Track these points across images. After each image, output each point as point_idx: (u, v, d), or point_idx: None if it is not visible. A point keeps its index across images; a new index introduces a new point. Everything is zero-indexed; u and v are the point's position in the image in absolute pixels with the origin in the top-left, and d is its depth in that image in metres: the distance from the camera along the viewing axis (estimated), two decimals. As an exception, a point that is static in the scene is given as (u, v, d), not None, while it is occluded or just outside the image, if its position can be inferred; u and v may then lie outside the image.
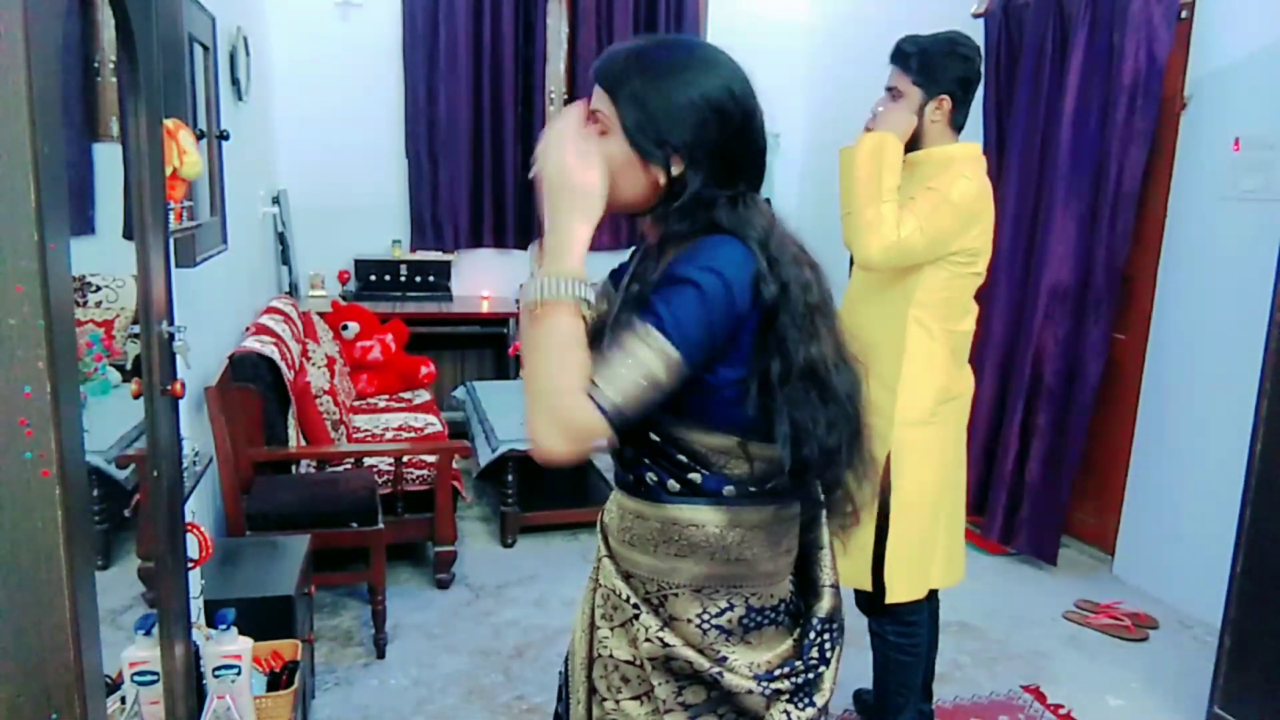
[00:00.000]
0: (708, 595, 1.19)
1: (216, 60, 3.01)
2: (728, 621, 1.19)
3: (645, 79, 1.13)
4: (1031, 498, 3.66)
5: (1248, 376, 2.46)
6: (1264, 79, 3.04)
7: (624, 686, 1.23)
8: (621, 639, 1.22)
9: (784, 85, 5.60)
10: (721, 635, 1.19)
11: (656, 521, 1.19)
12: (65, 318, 0.94)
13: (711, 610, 1.19)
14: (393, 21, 4.99)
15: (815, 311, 1.13)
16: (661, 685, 1.19)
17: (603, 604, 1.26)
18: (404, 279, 5.10)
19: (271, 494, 2.95)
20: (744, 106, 1.16)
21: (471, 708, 2.65)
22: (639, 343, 1.06)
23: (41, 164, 0.88)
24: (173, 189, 1.78)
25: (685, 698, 1.19)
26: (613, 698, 1.23)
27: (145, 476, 1.45)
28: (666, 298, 1.07)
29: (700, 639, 1.18)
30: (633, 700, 1.22)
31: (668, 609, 1.19)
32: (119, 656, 1.69)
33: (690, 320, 1.06)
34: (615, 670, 1.23)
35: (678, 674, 1.19)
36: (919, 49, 2.12)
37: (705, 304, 1.07)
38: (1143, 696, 2.82)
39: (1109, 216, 3.41)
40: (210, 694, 1.80)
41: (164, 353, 1.43)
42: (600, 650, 1.25)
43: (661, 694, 1.19)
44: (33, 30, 0.86)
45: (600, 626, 1.26)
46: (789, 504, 1.23)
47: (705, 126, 1.13)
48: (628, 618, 1.21)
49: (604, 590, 1.26)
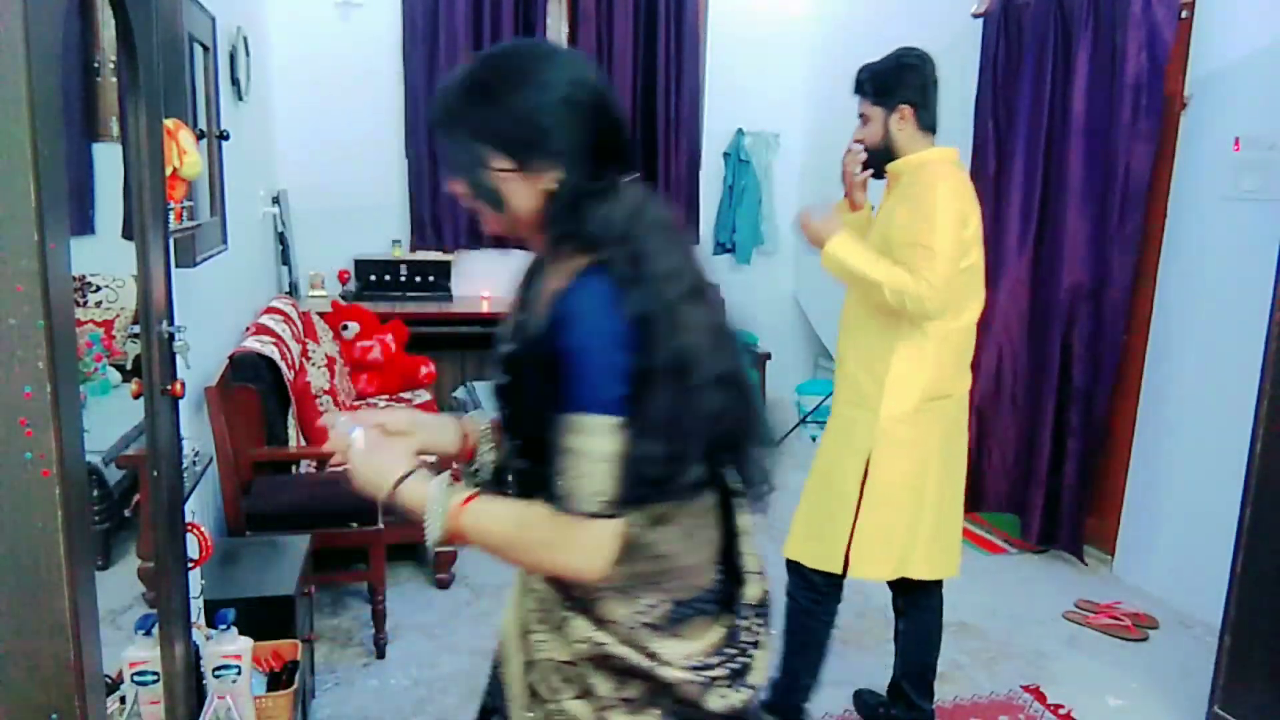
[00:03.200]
0: (633, 594, 1.18)
1: (216, 60, 3.01)
2: (656, 618, 1.19)
3: (487, 105, 1.12)
4: (1069, 497, 3.67)
5: (1248, 376, 2.46)
6: (1264, 79, 3.04)
7: (564, 687, 1.23)
8: (557, 640, 1.23)
9: (784, 85, 5.60)
10: (651, 631, 1.19)
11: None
12: (65, 318, 0.94)
13: (638, 608, 1.19)
14: (393, 21, 4.99)
15: (685, 300, 1.10)
16: (601, 683, 1.20)
17: (536, 607, 1.26)
18: (404, 279, 5.10)
19: (271, 494, 2.95)
20: (594, 92, 1.14)
21: (471, 708, 2.63)
22: (579, 439, 1.06)
23: (41, 164, 0.88)
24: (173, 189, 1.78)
25: (626, 692, 1.19)
26: (554, 699, 1.23)
27: (145, 476, 1.45)
28: (572, 377, 1.07)
29: (631, 636, 1.18)
30: (575, 700, 1.22)
31: (596, 611, 1.19)
32: (119, 656, 1.69)
33: (602, 383, 1.06)
34: (554, 672, 1.23)
35: (616, 670, 1.19)
36: (870, 73, 2.29)
37: (606, 359, 1.07)
38: (1143, 696, 2.82)
39: (1119, 216, 3.42)
40: (210, 694, 1.79)
41: (164, 353, 1.43)
42: (536, 654, 1.25)
43: (602, 691, 1.20)
44: (33, 30, 0.86)
45: (535, 630, 1.26)
46: (700, 496, 1.23)
47: (566, 126, 1.11)
48: (560, 620, 1.21)
49: (536, 594, 1.26)
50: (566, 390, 1.07)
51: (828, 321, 5.50)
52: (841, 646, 3.01)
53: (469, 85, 1.14)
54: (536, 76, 1.11)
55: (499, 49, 1.20)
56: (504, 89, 1.11)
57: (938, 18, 4.36)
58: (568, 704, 1.22)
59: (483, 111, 1.12)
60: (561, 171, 1.12)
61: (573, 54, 1.19)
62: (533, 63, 1.13)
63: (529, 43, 1.20)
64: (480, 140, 1.13)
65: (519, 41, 1.21)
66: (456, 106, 1.14)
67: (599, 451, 1.06)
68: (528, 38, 1.18)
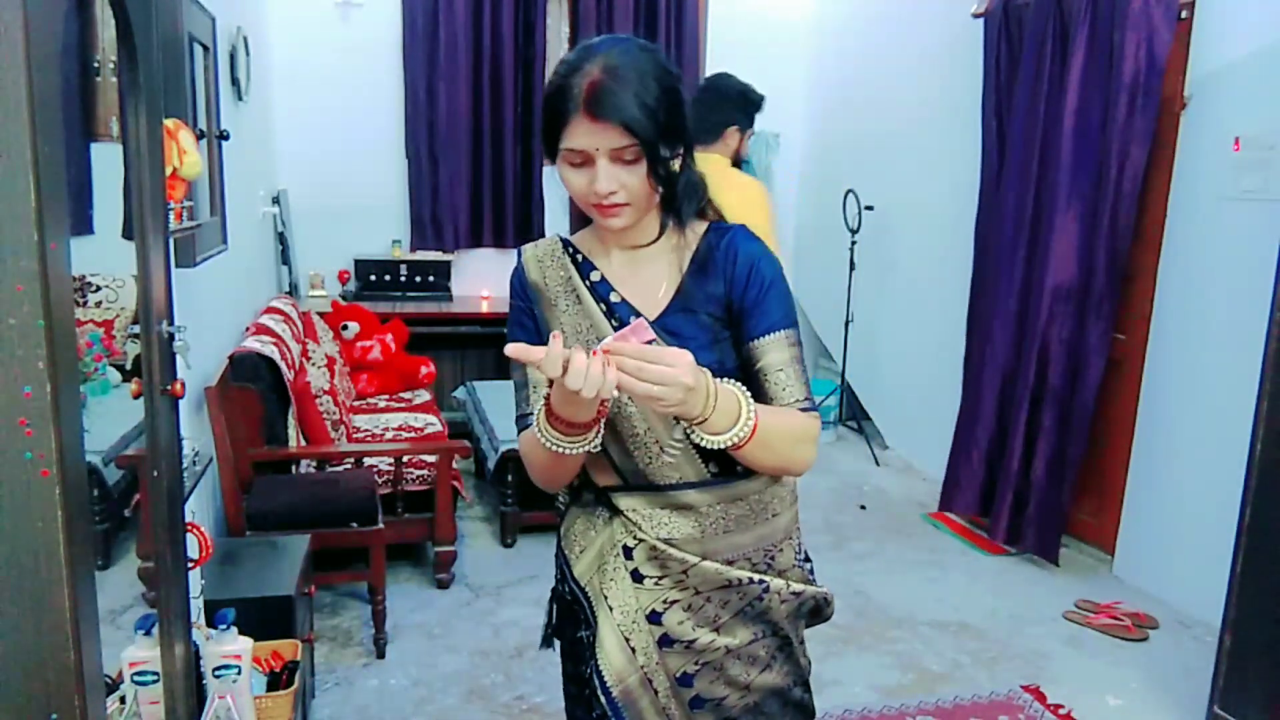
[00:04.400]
0: (795, 537, 1.36)
1: (216, 60, 3.01)
2: (805, 551, 1.39)
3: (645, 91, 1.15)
4: (1037, 498, 3.66)
5: (1248, 376, 2.46)
6: (1264, 79, 3.04)
7: (753, 666, 1.31)
8: (738, 626, 1.29)
9: (784, 85, 5.59)
10: (807, 563, 1.39)
11: (755, 494, 1.28)
12: (65, 318, 0.94)
13: (798, 548, 1.37)
14: (393, 21, 4.99)
15: None
16: (794, 633, 1.35)
17: (697, 611, 1.27)
18: (404, 279, 5.10)
19: (271, 494, 2.95)
20: (679, 75, 1.24)
21: (471, 708, 2.65)
22: (790, 350, 1.25)
23: (41, 164, 0.88)
24: (173, 189, 1.78)
25: (801, 633, 1.38)
26: (738, 688, 1.31)
27: (145, 476, 1.45)
28: (772, 302, 1.25)
29: (803, 575, 1.36)
30: (765, 672, 1.32)
31: (776, 567, 1.31)
32: (119, 656, 1.69)
33: (790, 303, 1.28)
34: (737, 660, 1.30)
35: (803, 616, 1.37)
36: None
37: (785, 285, 1.29)
38: (1143, 696, 2.82)
39: (1110, 216, 3.41)
40: (210, 694, 1.79)
41: (164, 353, 1.43)
42: (707, 657, 1.28)
43: (795, 640, 1.36)
44: (33, 30, 0.86)
45: (697, 636, 1.27)
46: None
47: (682, 111, 1.21)
48: (753, 597, 1.28)
49: (701, 596, 1.27)
50: (773, 311, 1.24)
51: (828, 321, 5.50)
52: (841, 646, 3.02)
53: (624, 79, 1.14)
54: (661, 67, 1.19)
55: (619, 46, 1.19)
56: (654, 80, 1.17)
57: (938, 18, 4.37)
58: (760, 679, 1.33)
59: (651, 102, 1.16)
60: (682, 152, 1.24)
61: (651, 43, 1.25)
62: (652, 55, 1.20)
63: (626, 37, 1.23)
64: (666, 139, 1.18)
65: (621, 37, 1.24)
66: (631, 100, 1.14)
67: (799, 355, 1.26)
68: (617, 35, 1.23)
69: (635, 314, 1.25)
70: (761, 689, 1.32)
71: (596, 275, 1.29)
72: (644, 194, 1.19)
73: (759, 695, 1.33)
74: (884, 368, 5.13)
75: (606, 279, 1.29)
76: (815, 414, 1.25)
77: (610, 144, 1.14)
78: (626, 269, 1.29)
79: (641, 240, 1.28)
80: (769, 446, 1.17)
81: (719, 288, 1.24)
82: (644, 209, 1.22)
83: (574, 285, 1.29)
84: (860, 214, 4.89)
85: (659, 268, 1.28)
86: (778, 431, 1.18)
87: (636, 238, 1.28)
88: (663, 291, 1.27)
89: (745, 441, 1.14)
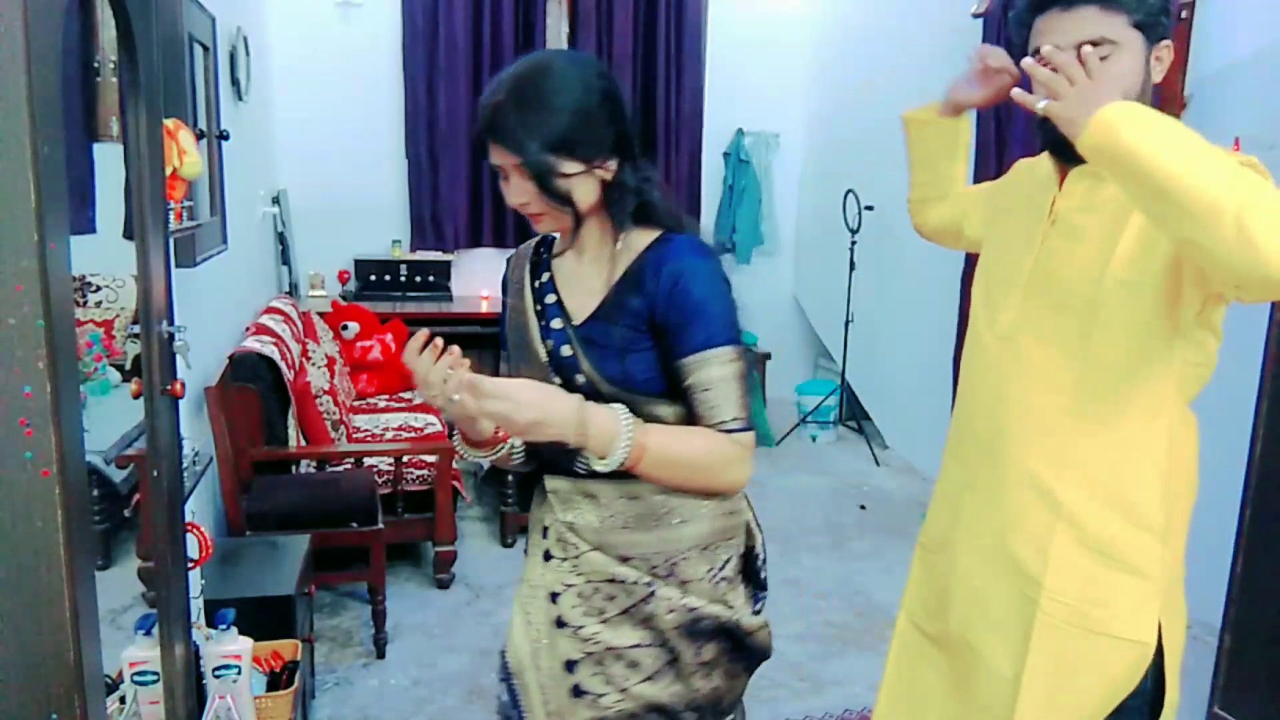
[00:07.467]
0: (712, 551, 1.29)
1: (216, 60, 3.01)
2: (730, 570, 1.32)
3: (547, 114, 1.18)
4: None
5: (1248, 376, 2.46)
6: (1264, 79, 3.04)
7: (632, 672, 1.27)
8: (623, 626, 1.26)
9: (784, 85, 5.60)
10: (727, 584, 1.31)
11: (652, 495, 1.26)
12: (65, 318, 0.94)
13: (716, 564, 1.30)
14: (392, 21, 4.99)
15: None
16: (685, 650, 1.28)
17: (587, 599, 1.28)
18: (404, 279, 5.10)
19: (271, 494, 2.95)
20: (616, 85, 1.25)
21: (471, 708, 2.65)
22: (723, 368, 1.21)
23: (41, 164, 0.88)
24: (173, 189, 1.78)
25: (703, 655, 1.29)
26: (616, 689, 1.27)
27: (145, 476, 1.45)
28: (705, 318, 1.21)
29: (713, 593, 1.29)
30: (645, 682, 1.27)
31: (678, 575, 1.27)
32: (119, 656, 1.69)
33: (731, 319, 1.24)
34: (618, 660, 1.26)
35: (700, 635, 1.28)
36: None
37: (728, 300, 1.24)
38: (1143, 696, 2.81)
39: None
40: (210, 694, 1.79)
41: (164, 353, 1.43)
42: (590, 648, 1.28)
43: (686, 658, 1.28)
44: (33, 30, 0.86)
45: (584, 624, 1.28)
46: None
47: (609, 120, 1.22)
48: (639, 599, 1.25)
49: (591, 585, 1.28)
50: (700, 331, 1.21)
51: (828, 321, 5.50)
52: (841, 646, 3.02)
53: (523, 100, 1.18)
54: (579, 80, 1.20)
55: (532, 64, 1.23)
56: (557, 97, 1.18)
57: (938, 18, 4.36)
58: (637, 689, 1.27)
59: (546, 122, 1.18)
60: (614, 161, 1.24)
61: (587, 55, 1.29)
62: (569, 68, 1.22)
63: (552, 52, 1.28)
64: (550, 150, 1.18)
65: (543, 53, 1.26)
66: (517, 122, 1.18)
67: (734, 374, 1.22)
68: (544, 50, 1.32)
69: (564, 317, 1.28)
70: (640, 699, 1.27)
71: (546, 276, 1.33)
72: (555, 205, 1.22)
73: (636, 705, 1.27)
74: (884, 368, 5.13)
75: (555, 280, 1.32)
76: (744, 434, 1.22)
77: (509, 161, 1.21)
78: (576, 272, 1.32)
79: (588, 245, 1.30)
80: (671, 467, 1.20)
81: (641, 303, 1.23)
82: (564, 217, 1.24)
83: (524, 283, 1.34)
84: (860, 214, 4.89)
85: (603, 274, 1.28)
86: (681, 453, 1.20)
87: (584, 242, 1.30)
88: (596, 298, 1.28)
89: (634, 464, 1.17)
